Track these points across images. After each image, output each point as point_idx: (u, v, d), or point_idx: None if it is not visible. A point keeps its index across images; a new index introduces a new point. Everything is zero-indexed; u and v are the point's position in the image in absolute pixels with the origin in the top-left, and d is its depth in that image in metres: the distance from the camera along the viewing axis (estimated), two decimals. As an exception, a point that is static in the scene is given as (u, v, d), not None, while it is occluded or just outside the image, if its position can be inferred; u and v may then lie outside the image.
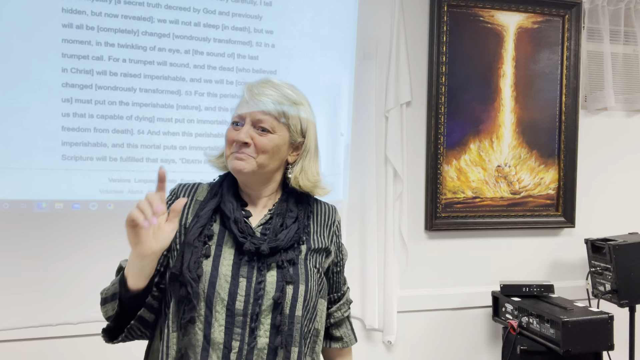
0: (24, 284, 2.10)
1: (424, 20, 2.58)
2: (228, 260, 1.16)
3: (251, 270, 1.16)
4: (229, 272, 1.15)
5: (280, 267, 1.17)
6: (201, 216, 1.19)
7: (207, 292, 1.12)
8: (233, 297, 1.13)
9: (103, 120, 2.16)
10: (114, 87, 2.17)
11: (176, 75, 2.24)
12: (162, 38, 2.21)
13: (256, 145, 1.19)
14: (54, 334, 2.15)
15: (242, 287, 1.14)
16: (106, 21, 2.14)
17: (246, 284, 1.14)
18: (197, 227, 1.17)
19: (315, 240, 1.27)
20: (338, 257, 1.38)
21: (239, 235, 1.16)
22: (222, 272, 1.14)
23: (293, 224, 1.23)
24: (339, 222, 1.37)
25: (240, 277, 1.15)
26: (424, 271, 2.63)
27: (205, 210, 1.20)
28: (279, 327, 1.13)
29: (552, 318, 2.17)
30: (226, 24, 2.28)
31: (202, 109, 2.27)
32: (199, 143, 2.27)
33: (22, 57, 2.06)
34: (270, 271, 1.16)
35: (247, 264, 1.16)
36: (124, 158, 2.19)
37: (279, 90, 1.22)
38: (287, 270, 1.17)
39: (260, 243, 1.16)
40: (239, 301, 1.13)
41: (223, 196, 1.23)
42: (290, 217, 1.24)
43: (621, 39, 2.82)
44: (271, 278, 1.16)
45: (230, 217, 1.18)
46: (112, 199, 2.18)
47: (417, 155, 2.60)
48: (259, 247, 1.15)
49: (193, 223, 1.18)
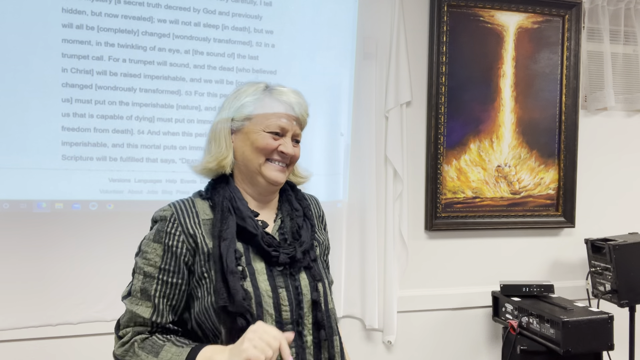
0: (24, 284, 2.10)
1: (424, 20, 2.58)
2: (263, 276, 1.17)
3: (285, 278, 1.19)
4: (268, 286, 1.17)
5: (307, 267, 1.23)
6: (229, 239, 1.16)
7: (256, 312, 1.14)
8: (278, 309, 1.16)
9: (103, 120, 2.16)
10: (114, 87, 2.17)
11: (176, 75, 2.24)
12: (162, 38, 2.21)
13: (293, 158, 1.26)
14: (54, 334, 2.15)
15: (284, 297, 1.18)
16: (106, 21, 2.14)
17: (286, 294, 1.18)
18: (231, 253, 1.15)
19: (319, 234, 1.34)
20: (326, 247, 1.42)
21: (270, 250, 1.19)
22: (262, 289, 1.16)
23: (304, 222, 1.28)
24: (323, 212, 1.42)
25: (278, 288, 1.18)
26: (424, 271, 2.63)
27: (229, 231, 1.17)
28: (319, 323, 1.20)
29: (552, 318, 2.17)
30: (226, 24, 2.28)
31: (202, 109, 2.27)
32: (199, 143, 2.27)
33: (22, 57, 2.06)
34: (301, 274, 1.22)
35: (280, 273, 1.19)
36: (124, 158, 2.19)
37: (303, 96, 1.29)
38: (315, 270, 1.24)
39: (291, 252, 1.20)
40: (285, 311, 1.17)
41: (238, 212, 1.20)
42: (298, 216, 1.28)
43: (621, 39, 2.82)
44: (304, 281, 1.21)
45: (256, 233, 1.18)
46: (112, 199, 2.18)
47: (417, 155, 2.60)
48: (293, 256, 1.20)
49: (225, 248, 1.15)
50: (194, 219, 1.20)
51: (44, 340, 2.15)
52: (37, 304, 2.11)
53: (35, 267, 2.11)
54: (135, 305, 1.17)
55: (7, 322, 2.09)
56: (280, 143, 1.22)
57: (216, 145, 1.24)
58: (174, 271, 1.17)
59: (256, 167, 1.22)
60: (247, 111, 1.23)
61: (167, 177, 2.24)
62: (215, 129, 1.26)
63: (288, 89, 1.27)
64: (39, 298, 2.12)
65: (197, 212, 1.21)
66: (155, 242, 1.18)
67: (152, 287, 1.16)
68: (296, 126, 1.25)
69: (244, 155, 1.23)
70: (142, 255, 1.19)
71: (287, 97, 1.24)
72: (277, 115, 1.22)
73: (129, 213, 2.19)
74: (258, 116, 1.22)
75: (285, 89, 1.26)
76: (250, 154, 1.22)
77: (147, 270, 1.17)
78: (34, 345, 2.14)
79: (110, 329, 1.28)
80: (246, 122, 1.23)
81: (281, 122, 1.22)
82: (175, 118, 2.24)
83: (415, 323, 2.60)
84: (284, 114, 1.23)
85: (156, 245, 1.18)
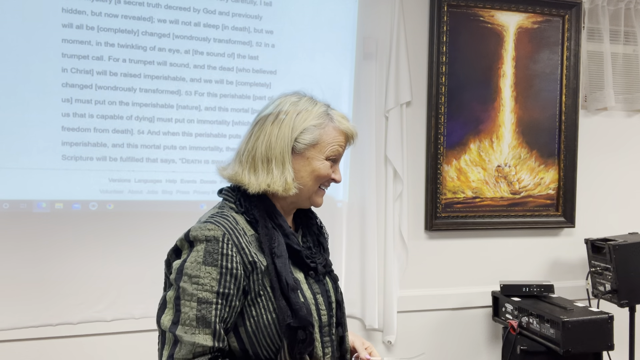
0: (24, 284, 2.10)
1: (424, 20, 2.58)
2: (305, 285, 1.23)
3: (317, 285, 1.26)
4: (310, 294, 1.23)
5: (329, 272, 1.31)
6: (283, 256, 1.18)
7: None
8: (319, 314, 1.23)
9: (103, 120, 2.16)
10: (114, 87, 2.16)
11: (176, 75, 2.23)
12: (162, 38, 2.21)
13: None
14: (54, 334, 2.15)
15: (321, 302, 1.24)
16: (106, 21, 2.14)
17: (322, 299, 1.25)
18: (288, 270, 1.17)
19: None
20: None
21: (309, 262, 1.25)
22: (308, 298, 1.21)
23: (319, 230, 1.35)
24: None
25: (316, 294, 1.24)
26: (424, 271, 2.63)
27: (280, 248, 1.18)
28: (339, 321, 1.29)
29: (552, 318, 2.17)
30: (226, 24, 2.28)
31: (202, 109, 2.27)
32: (199, 143, 2.27)
33: (22, 57, 2.06)
34: (326, 278, 1.30)
35: (314, 281, 1.26)
36: (124, 158, 2.19)
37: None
38: (333, 273, 1.33)
39: (322, 261, 1.29)
40: (323, 315, 1.24)
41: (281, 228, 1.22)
42: (312, 224, 1.34)
43: (621, 39, 2.82)
44: (329, 285, 1.29)
45: (300, 250, 1.23)
46: (112, 199, 2.18)
47: (417, 155, 2.60)
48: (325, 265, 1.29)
49: (282, 265, 1.16)
50: (244, 235, 1.17)
51: (44, 340, 2.15)
52: (37, 304, 2.11)
53: (35, 267, 2.11)
54: (193, 335, 1.09)
55: (7, 322, 2.09)
56: (333, 170, 1.27)
57: (277, 166, 1.20)
58: (233, 294, 1.12)
59: (309, 193, 1.25)
60: (311, 136, 1.22)
61: (167, 177, 2.24)
62: (275, 146, 1.20)
63: (343, 116, 1.29)
64: (39, 298, 2.11)
65: (243, 228, 1.18)
66: (208, 265, 1.11)
67: (212, 314, 1.10)
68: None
69: (302, 179, 1.23)
70: (193, 280, 1.10)
71: (346, 126, 1.26)
72: (340, 145, 1.26)
73: (129, 213, 2.20)
74: (321, 143, 1.23)
75: (341, 114, 1.29)
76: (308, 180, 1.23)
77: (202, 297, 1.10)
78: (34, 345, 2.14)
79: (110, 329, 1.27)
80: (309, 147, 1.22)
81: (339, 151, 1.26)
82: (175, 118, 2.24)
83: (415, 323, 2.60)
84: (343, 142, 1.27)
85: (210, 268, 1.11)
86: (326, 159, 1.24)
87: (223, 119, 2.29)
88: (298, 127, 1.21)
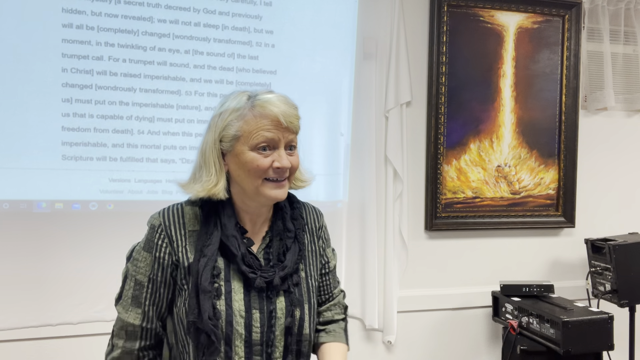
0: (24, 284, 2.10)
1: (424, 20, 2.58)
2: (239, 295, 1.17)
3: (262, 300, 1.18)
4: (242, 306, 1.17)
5: (287, 291, 1.20)
6: (209, 257, 1.15)
7: (226, 331, 1.15)
8: (249, 329, 1.16)
9: (103, 120, 2.16)
10: (114, 87, 2.16)
11: (176, 75, 2.23)
12: (162, 38, 2.21)
13: (291, 168, 1.19)
14: (54, 334, 2.15)
15: (257, 319, 1.17)
16: (106, 21, 2.14)
17: (260, 315, 1.17)
18: (208, 270, 1.14)
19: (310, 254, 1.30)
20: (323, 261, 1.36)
21: (247, 271, 1.17)
22: (236, 309, 1.16)
23: (293, 243, 1.23)
24: (325, 227, 1.37)
25: (252, 309, 1.17)
26: (424, 271, 2.63)
27: (211, 248, 1.16)
28: (289, 348, 1.19)
29: (552, 318, 2.17)
30: (226, 24, 2.28)
31: (202, 109, 2.27)
32: (199, 143, 2.26)
33: (22, 57, 2.06)
34: (279, 297, 1.20)
35: (257, 294, 1.18)
36: (124, 158, 2.19)
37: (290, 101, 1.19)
38: (294, 295, 1.20)
39: (270, 276, 1.18)
40: (255, 332, 1.17)
41: (224, 228, 1.18)
42: (289, 237, 1.24)
43: (621, 39, 2.82)
44: (280, 304, 1.20)
45: (237, 254, 1.16)
46: (112, 199, 2.18)
47: (417, 155, 2.60)
48: (270, 281, 1.18)
49: (203, 265, 1.14)
50: (180, 229, 1.19)
51: (44, 340, 2.15)
52: (37, 304, 2.11)
53: (35, 267, 2.11)
54: (126, 312, 1.21)
55: (7, 322, 2.09)
56: (274, 158, 1.15)
57: (206, 172, 1.18)
58: (160, 281, 1.19)
59: (254, 190, 1.17)
60: (232, 131, 1.15)
61: (167, 177, 2.24)
62: (205, 151, 1.19)
63: (273, 96, 1.17)
64: (39, 298, 2.12)
65: (185, 222, 1.20)
66: (145, 251, 1.20)
67: (143, 296, 1.20)
68: (288, 133, 1.16)
69: (239, 177, 1.18)
70: (134, 262, 1.22)
71: (271, 107, 1.14)
72: (263, 129, 1.14)
73: (129, 213, 2.19)
74: (244, 134, 1.14)
75: (269, 96, 1.17)
76: (245, 177, 1.16)
77: (138, 279, 1.20)
78: (33, 345, 2.14)
79: (110, 329, 1.28)
80: (234, 142, 1.16)
81: (267, 136, 1.14)
82: (175, 118, 2.24)
83: (415, 323, 2.60)
84: (270, 126, 1.14)
85: (146, 254, 1.20)
86: (254, 148, 1.14)
87: (223, 119, 2.29)
88: (219, 126, 1.17)
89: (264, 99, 1.16)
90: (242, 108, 1.15)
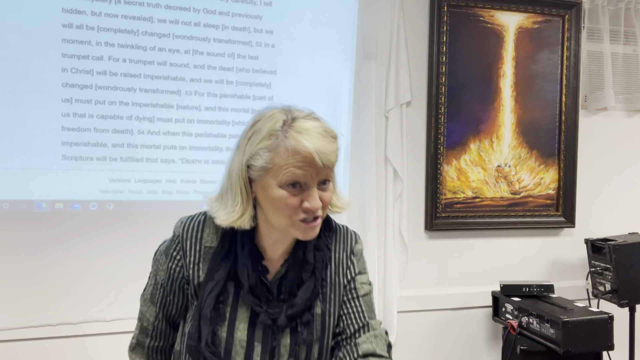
0: (24, 284, 2.10)
1: (424, 20, 2.58)
2: (243, 324, 1.12)
3: (266, 334, 1.12)
4: (245, 337, 1.11)
5: (294, 329, 1.12)
6: (217, 282, 1.10)
7: (224, 359, 1.10)
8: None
9: (103, 120, 2.16)
10: (114, 87, 2.16)
11: (176, 75, 2.23)
12: (162, 38, 2.21)
13: (324, 205, 1.08)
14: (54, 334, 2.15)
15: (257, 353, 1.11)
16: (106, 21, 2.14)
17: (261, 349, 1.11)
18: (212, 297, 1.10)
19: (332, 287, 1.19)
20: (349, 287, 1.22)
21: (254, 304, 1.11)
22: (237, 338, 1.11)
23: (310, 278, 1.14)
24: (357, 252, 1.25)
25: (255, 342, 1.11)
26: (424, 271, 2.63)
27: (220, 273, 1.11)
28: None
29: (552, 318, 2.17)
30: (226, 24, 2.28)
31: (202, 109, 2.27)
32: (199, 143, 2.27)
33: (22, 57, 2.06)
34: (285, 334, 1.12)
35: (262, 327, 1.12)
36: (124, 158, 2.19)
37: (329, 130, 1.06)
38: (301, 334, 1.12)
39: (276, 313, 1.11)
40: None
41: (237, 257, 1.11)
42: (307, 269, 1.14)
43: (621, 39, 2.82)
44: (285, 341, 1.12)
45: (244, 285, 1.10)
46: (112, 199, 2.18)
47: (417, 155, 2.60)
48: (275, 319, 1.11)
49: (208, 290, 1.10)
50: (196, 245, 1.14)
51: (44, 340, 2.15)
52: (37, 304, 2.11)
53: (35, 267, 2.11)
54: (145, 305, 1.23)
55: (7, 322, 2.09)
56: (303, 197, 1.04)
57: (232, 199, 1.08)
58: (170, 291, 1.19)
59: (282, 228, 1.08)
60: (261, 162, 1.03)
61: (167, 177, 2.24)
62: (232, 173, 1.09)
63: (310, 126, 1.03)
64: (39, 298, 2.12)
65: (202, 237, 1.14)
66: (164, 256, 1.19)
67: (157, 296, 1.21)
68: (322, 170, 1.04)
69: (267, 210, 1.08)
70: (156, 263, 1.21)
71: (305, 143, 1.00)
72: (294, 165, 1.01)
73: (129, 213, 2.20)
74: (273, 167, 1.02)
75: (306, 125, 1.03)
76: (273, 214, 1.06)
77: (157, 279, 1.21)
78: (34, 345, 2.14)
79: (110, 329, 1.29)
80: (262, 172, 1.04)
81: (298, 174, 1.02)
82: (175, 118, 2.24)
83: (415, 323, 2.60)
84: (302, 163, 1.01)
85: (164, 259, 1.19)
86: (283, 185, 1.03)
87: (223, 119, 2.29)
88: (248, 151, 1.05)
89: (301, 128, 1.02)
90: (274, 137, 1.02)
